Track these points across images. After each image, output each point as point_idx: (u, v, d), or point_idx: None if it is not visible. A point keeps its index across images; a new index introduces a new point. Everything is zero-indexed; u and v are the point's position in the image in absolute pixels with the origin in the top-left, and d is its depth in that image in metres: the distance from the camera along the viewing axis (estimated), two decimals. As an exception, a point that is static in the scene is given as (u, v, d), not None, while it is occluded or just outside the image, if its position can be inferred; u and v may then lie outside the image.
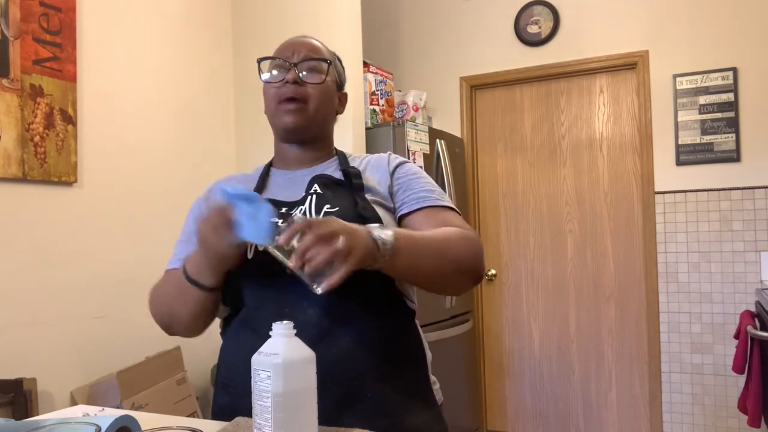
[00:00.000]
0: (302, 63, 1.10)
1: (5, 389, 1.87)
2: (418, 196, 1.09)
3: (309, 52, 1.12)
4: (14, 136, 2.01)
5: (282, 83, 1.09)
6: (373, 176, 1.12)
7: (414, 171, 1.15)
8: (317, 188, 1.07)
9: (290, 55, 1.10)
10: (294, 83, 1.08)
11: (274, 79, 1.11)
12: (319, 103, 1.11)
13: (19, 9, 2.04)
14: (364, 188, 1.09)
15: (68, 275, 2.18)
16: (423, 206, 1.07)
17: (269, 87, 1.12)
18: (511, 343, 3.55)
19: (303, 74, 1.09)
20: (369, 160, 1.17)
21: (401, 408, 1.00)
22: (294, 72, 1.08)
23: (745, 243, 2.97)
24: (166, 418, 0.98)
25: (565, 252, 3.42)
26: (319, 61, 1.11)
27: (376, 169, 1.14)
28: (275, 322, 0.76)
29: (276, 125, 1.13)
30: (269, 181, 1.16)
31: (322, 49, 1.15)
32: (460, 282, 1.04)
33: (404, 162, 1.17)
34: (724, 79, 3.00)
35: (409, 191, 1.10)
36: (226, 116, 3.02)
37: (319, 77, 1.11)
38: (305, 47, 1.12)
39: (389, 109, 3.14)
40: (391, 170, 1.13)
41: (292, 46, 1.12)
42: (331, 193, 1.06)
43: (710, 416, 3.01)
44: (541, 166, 3.49)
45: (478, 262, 1.03)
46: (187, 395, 2.35)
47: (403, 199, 1.10)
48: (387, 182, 1.11)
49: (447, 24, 3.66)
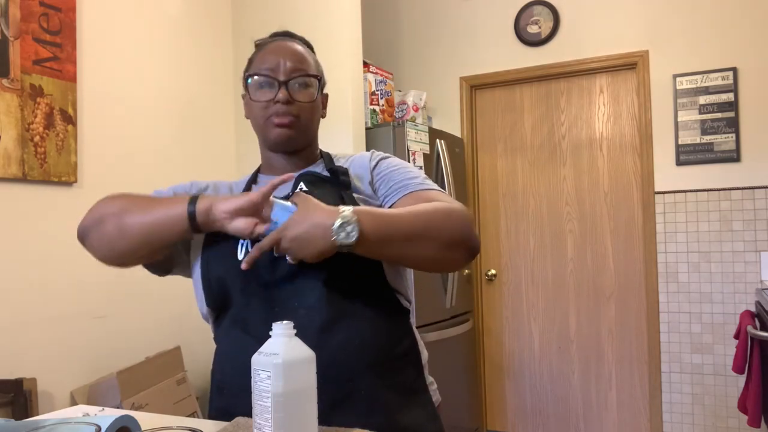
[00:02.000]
0: (292, 81, 1.07)
1: (5, 389, 1.87)
2: (400, 185, 1.08)
3: (297, 63, 1.08)
4: (14, 136, 2.01)
5: (272, 102, 1.06)
6: (356, 175, 1.12)
7: (394, 164, 1.13)
8: (303, 186, 1.07)
9: (277, 68, 1.07)
10: (285, 103, 1.05)
11: (263, 97, 1.08)
12: (309, 117, 1.10)
13: (19, 9, 2.04)
14: (351, 186, 1.09)
15: (68, 275, 2.18)
16: (405, 193, 1.06)
17: (256, 104, 1.09)
18: (511, 343, 3.55)
19: (293, 91, 1.07)
20: (353, 159, 1.17)
21: (395, 406, 0.99)
22: (284, 91, 1.05)
23: (745, 243, 2.97)
24: (166, 418, 0.98)
25: (565, 252, 3.42)
26: (309, 78, 1.09)
27: (358, 167, 1.13)
28: (275, 323, 0.76)
29: (265, 137, 1.12)
30: (256, 187, 1.15)
31: (307, 58, 1.11)
32: (451, 258, 0.99)
33: (385, 157, 1.16)
34: (724, 79, 3.00)
35: (390, 182, 1.09)
36: (226, 116, 3.02)
37: (309, 94, 1.09)
38: (292, 58, 1.08)
39: (389, 109, 3.14)
40: (372, 166, 1.13)
41: (277, 55, 1.08)
42: (317, 190, 1.05)
43: (710, 416, 3.01)
44: (541, 166, 3.49)
45: (464, 234, 0.98)
46: (187, 395, 2.35)
47: (385, 192, 1.09)
48: (368, 179, 1.11)
49: (447, 24, 3.66)
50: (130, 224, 0.97)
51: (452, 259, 1.00)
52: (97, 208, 1.03)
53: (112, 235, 0.98)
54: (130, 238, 0.97)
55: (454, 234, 0.96)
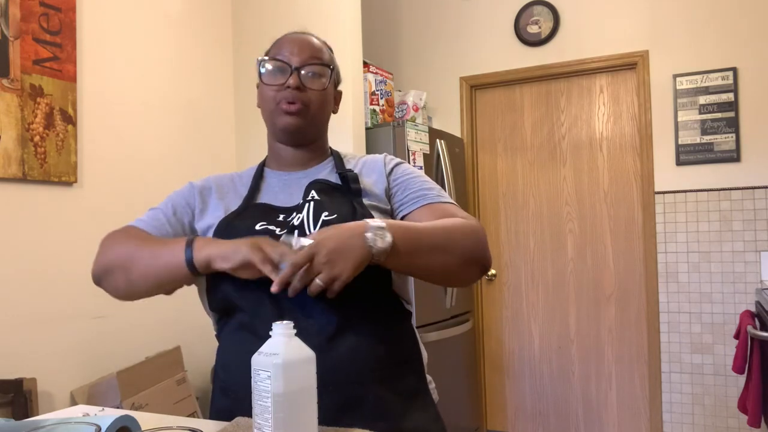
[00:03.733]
0: (305, 67, 1.07)
1: (5, 389, 1.87)
2: (417, 195, 1.09)
3: (311, 52, 1.09)
4: (14, 136, 2.01)
5: (282, 87, 1.07)
6: (368, 178, 1.12)
7: (410, 171, 1.14)
8: (314, 194, 1.06)
9: (291, 55, 1.08)
10: (296, 89, 1.05)
11: (275, 81, 1.08)
12: (319, 108, 1.10)
13: (19, 9, 2.04)
14: (362, 192, 1.08)
15: (68, 275, 2.18)
16: (423, 204, 1.07)
17: (268, 87, 1.09)
18: (511, 343, 3.55)
19: (305, 78, 1.07)
20: (364, 162, 1.16)
21: (400, 410, 0.99)
22: (296, 77, 1.06)
23: (745, 243, 2.97)
24: (166, 418, 0.98)
25: (565, 252, 3.42)
26: (322, 66, 1.09)
27: (371, 171, 1.13)
28: (275, 322, 0.76)
29: (273, 125, 1.11)
30: (263, 184, 1.14)
31: (323, 50, 1.12)
32: (466, 273, 1.03)
33: (400, 163, 1.16)
34: (724, 79, 3.00)
35: (407, 191, 1.10)
36: (226, 116, 3.02)
37: (321, 83, 1.09)
38: (307, 47, 1.09)
39: (389, 109, 3.14)
40: (388, 171, 1.13)
41: (293, 44, 1.09)
42: (328, 198, 1.05)
43: (710, 416, 3.01)
44: (541, 166, 3.49)
45: (482, 251, 1.01)
46: (187, 395, 2.35)
47: (401, 200, 1.09)
48: (383, 184, 1.11)
49: (447, 24, 3.66)
50: (137, 278, 1.00)
51: (467, 274, 1.03)
52: (103, 254, 1.05)
53: (124, 287, 1.03)
54: (140, 289, 1.02)
55: (474, 250, 1.00)
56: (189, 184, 1.17)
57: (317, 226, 1.00)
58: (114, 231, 1.09)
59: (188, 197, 1.14)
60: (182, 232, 1.11)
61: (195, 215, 1.12)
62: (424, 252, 0.94)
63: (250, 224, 1.03)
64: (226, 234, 1.02)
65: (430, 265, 0.96)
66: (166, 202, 1.14)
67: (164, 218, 1.11)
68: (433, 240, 0.96)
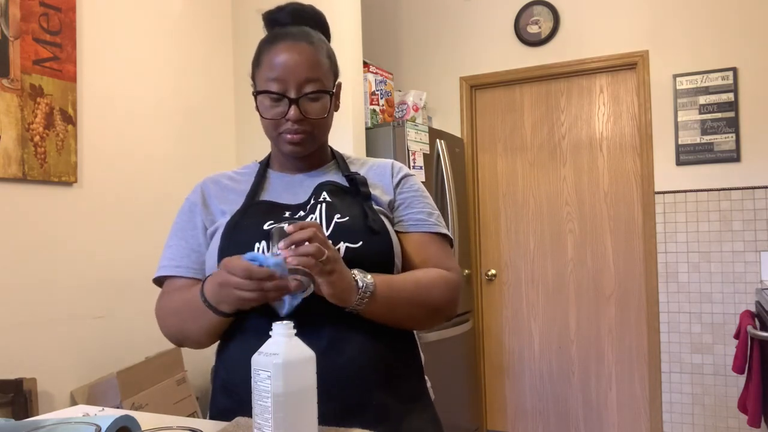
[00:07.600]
0: (302, 96, 1.01)
1: (5, 389, 1.87)
2: (417, 218, 1.10)
3: (308, 72, 1.01)
4: (14, 136, 2.01)
5: (283, 119, 1.02)
6: (376, 184, 1.11)
7: (416, 188, 1.14)
8: (326, 196, 1.05)
9: (286, 81, 1.01)
10: (296, 121, 1.02)
11: (274, 115, 1.03)
12: (322, 130, 1.07)
13: (19, 9, 2.04)
14: (371, 197, 1.08)
15: (68, 275, 2.18)
16: (418, 231, 1.09)
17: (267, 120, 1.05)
18: (511, 343, 3.55)
19: (304, 104, 1.02)
20: (371, 167, 1.15)
21: (402, 413, 1.00)
22: (295, 108, 1.00)
23: (745, 243, 2.97)
24: (166, 418, 0.98)
25: (565, 252, 3.42)
26: (321, 93, 1.03)
27: (379, 178, 1.13)
28: (275, 322, 0.76)
29: (277, 147, 1.10)
30: (267, 184, 1.13)
31: (320, 62, 1.04)
32: (430, 323, 1.10)
33: (408, 175, 1.16)
34: (724, 79, 3.01)
35: (409, 210, 1.11)
36: (226, 116, 3.02)
37: (322, 108, 1.04)
38: (303, 68, 1.01)
39: (389, 109, 3.14)
40: (395, 183, 1.13)
41: (288, 70, 1.01)
42: (339, 201, 1.04)
43: (710, 416, 3.01)
44: (541, 166, 3.49)
45: (452, 306, 1.08)
46: (187, 395, 2.35)
47: (402, 216, 1.10)
48: (390, 196, 1.11)
49: (447, 24, 3.66)
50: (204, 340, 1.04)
51: (431, 324, 1.11)
52: (163, 327, 1.09)
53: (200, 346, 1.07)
54: (213, 340, 1.06)
55: (444, 306, 1.06)
56: (187, 201, 1.14)
57: (330, 227, 1.00)
58: (158, 301, 1.10)
59: (192, 215, 1.12)
60: (208, 242, 1.09)
61: (207, 225, 1.11)
62: (397, 304, 0.99)
63: (257, 222, 1.02)
64: (234, 235, 1.01)
65: (400, 316, 1.02)
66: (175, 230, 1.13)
67: (187, 247, 1.09)
68: (408, 295, 1.01)
